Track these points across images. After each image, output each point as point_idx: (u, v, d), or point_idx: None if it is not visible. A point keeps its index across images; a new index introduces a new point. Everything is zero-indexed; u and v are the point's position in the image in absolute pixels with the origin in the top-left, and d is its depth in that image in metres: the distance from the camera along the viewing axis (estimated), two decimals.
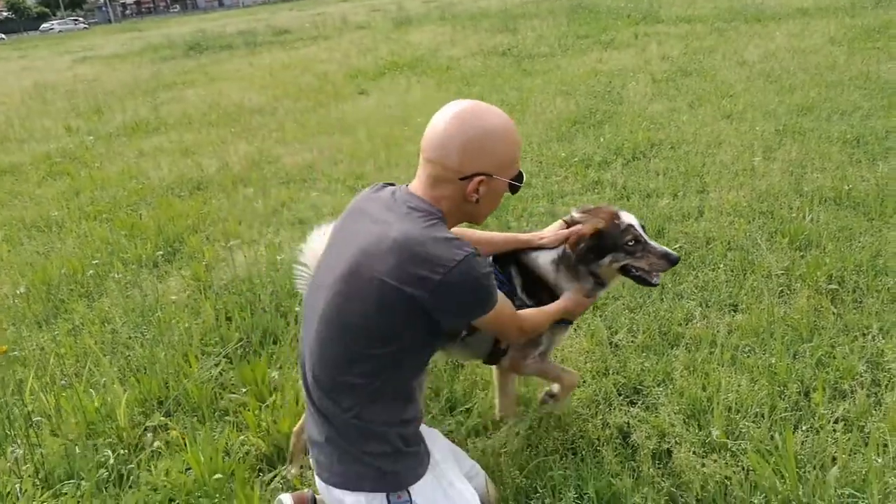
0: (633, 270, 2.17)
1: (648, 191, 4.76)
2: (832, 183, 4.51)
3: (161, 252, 4.55)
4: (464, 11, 19.25)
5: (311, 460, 1.83)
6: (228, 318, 3.55)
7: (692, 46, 10.12)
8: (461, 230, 2.13)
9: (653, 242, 2.15)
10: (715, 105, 6.86)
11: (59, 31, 59.64)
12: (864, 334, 2.93)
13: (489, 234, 2.26)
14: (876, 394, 2.59)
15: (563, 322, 2.25)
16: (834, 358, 2.80)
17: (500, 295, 1.74)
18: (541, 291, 2.20)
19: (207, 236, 4.85)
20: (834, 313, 3.12)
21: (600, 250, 2.13)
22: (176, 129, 8.72)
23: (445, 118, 1.67)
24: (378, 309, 1.59)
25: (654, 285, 2.19)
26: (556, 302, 2.14)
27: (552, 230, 2.24)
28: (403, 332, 1.62)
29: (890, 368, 2.69)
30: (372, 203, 1.77)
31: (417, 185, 1.73)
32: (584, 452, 2.38)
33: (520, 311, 1.95)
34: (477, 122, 1.66)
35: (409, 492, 1.68)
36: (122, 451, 2.57)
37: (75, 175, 6.92)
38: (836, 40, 9.37)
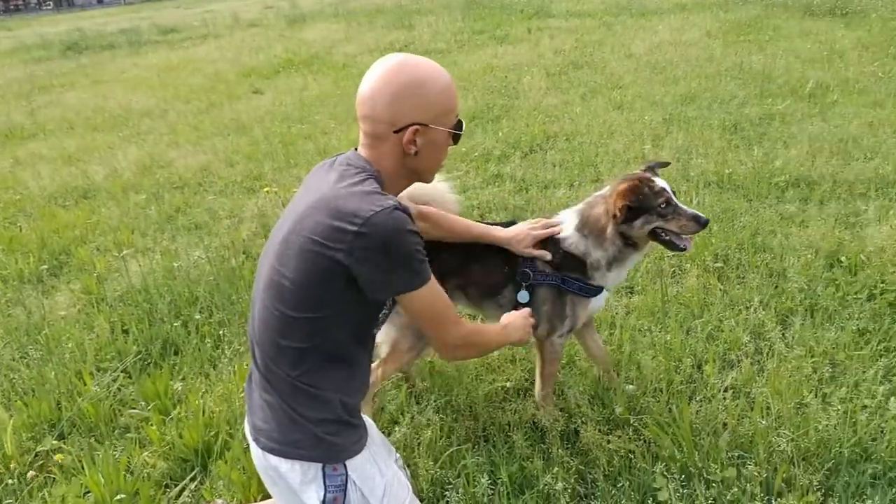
0: (663, 234, 2.20)
1: (546, 182, 4.90)
2: (715, 167, 4.81)
3: (46, 266, 4.26)
4: (358, 8, 19.03)
5: (247, 428, 1.74)
6: (125, 331, 3.38)
7: (583, 40, 10.47)
8: (437, 211, 2.16)
9: (683, 205, 2.19)
10: (606, 96, 7.14)
11: None
12: (747, 307, 3.15)
13: (471, 223, 2.27)
14: (759, 361, 2.80)
15: (585, 293, 2.28)
16: (722, 331, 2.99)
17: (438, 287, 1.65)
18: (571, 264, 2.24)
19: (98, 247, 4.58)
20: (720, 290, 3.33)
21: (635, 212, 2.16)
22: (56, 134, 8.16)
23: (375, 73, 1.64)
24: (304, 271, 1.54)
25: (683, 250, 2.22)
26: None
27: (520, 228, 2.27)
28: (330, 298, 1.55)
29: (770, 337, 2.90)
30: (319, 170, 1.75)
31: (360, 148, 1.70)
32: (495, 439, 2.43)
33: (472, 324, 1.87)
34: (405, 72, 1.62)
35: (345, 465, 1.65)
36: (10, 481, 2.40)
37: None
38: (713, 34, 9.96)
